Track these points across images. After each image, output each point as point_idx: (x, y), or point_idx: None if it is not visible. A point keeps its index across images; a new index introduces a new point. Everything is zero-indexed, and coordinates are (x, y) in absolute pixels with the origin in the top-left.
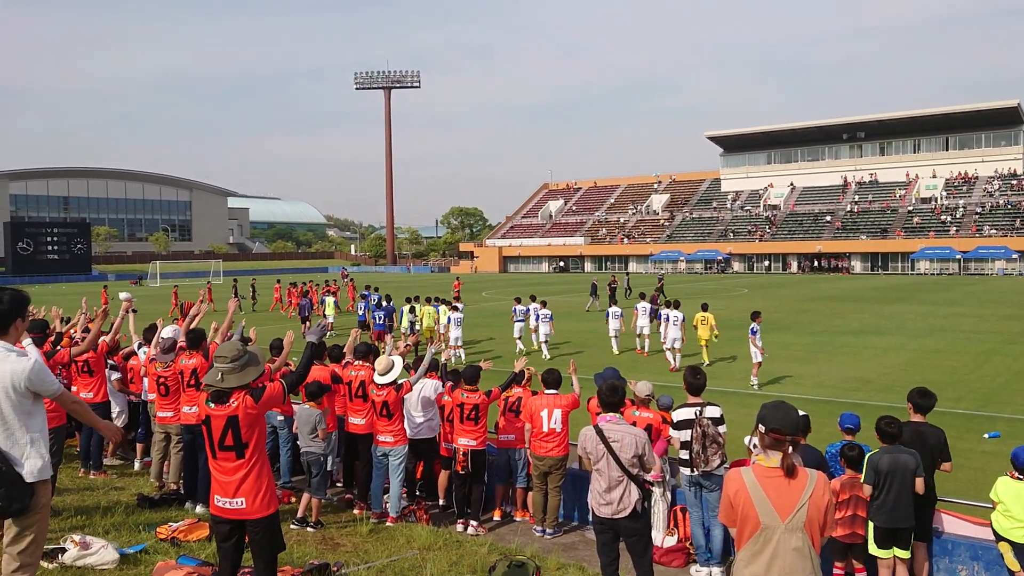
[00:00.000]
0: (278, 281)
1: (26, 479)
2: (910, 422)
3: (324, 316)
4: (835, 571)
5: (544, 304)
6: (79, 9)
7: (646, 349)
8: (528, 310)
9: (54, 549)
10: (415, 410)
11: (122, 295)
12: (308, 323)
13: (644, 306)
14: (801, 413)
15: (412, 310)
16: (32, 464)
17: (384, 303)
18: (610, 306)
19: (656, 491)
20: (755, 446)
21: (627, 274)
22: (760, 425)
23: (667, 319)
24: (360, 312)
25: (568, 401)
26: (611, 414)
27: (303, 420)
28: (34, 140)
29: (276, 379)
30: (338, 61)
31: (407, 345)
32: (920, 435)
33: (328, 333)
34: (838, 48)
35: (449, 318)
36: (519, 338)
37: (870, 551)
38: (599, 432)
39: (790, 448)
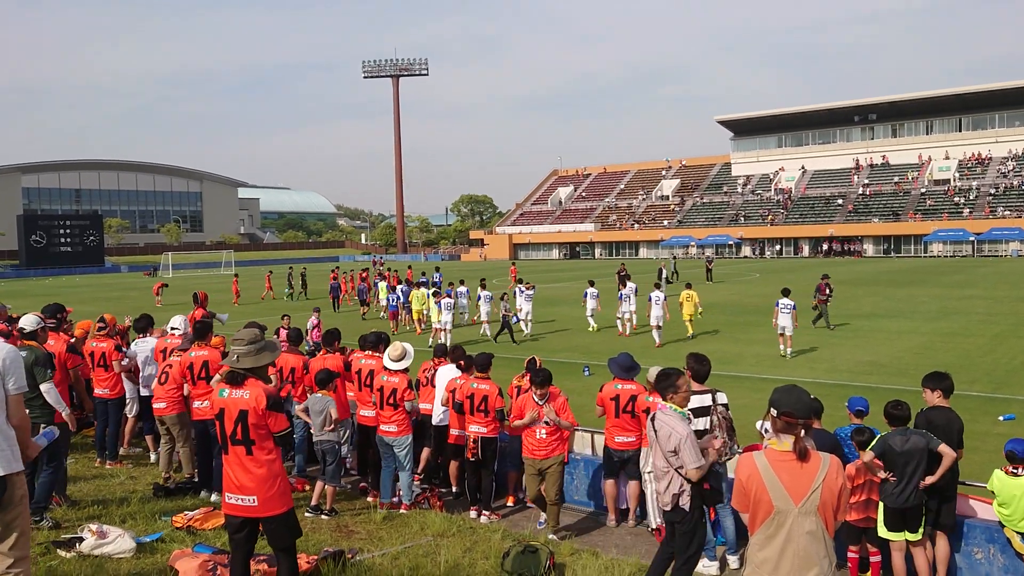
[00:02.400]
0: (336, 268)
1: None
2: (935, 407)
3: (377, 299)
4: (849, 555)
5: (531, 286)
6: (88, 5)
7: (627, 331)
8: (491, 295)
9: (72, 538)
10: (440, 399)
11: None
12: (367, 307)
13: (628, 293)
14: (811, 397)
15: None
16: (1, 456)
17: (406, 285)
18: (620, 290)
19: None
20: (767, 430)
21: (676, 259)
22: (772, 409)
23: (650, 299)
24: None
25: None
26: (663, 403)
27: (315, 409)
28: (45, 134)
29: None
30: (347, 52)
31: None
32: (930, 423)
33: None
34: (849, 30)
35: (440, 304)
36: (487, 321)
37: (880, 534)
38: (652, 420)
39: (802, 431)
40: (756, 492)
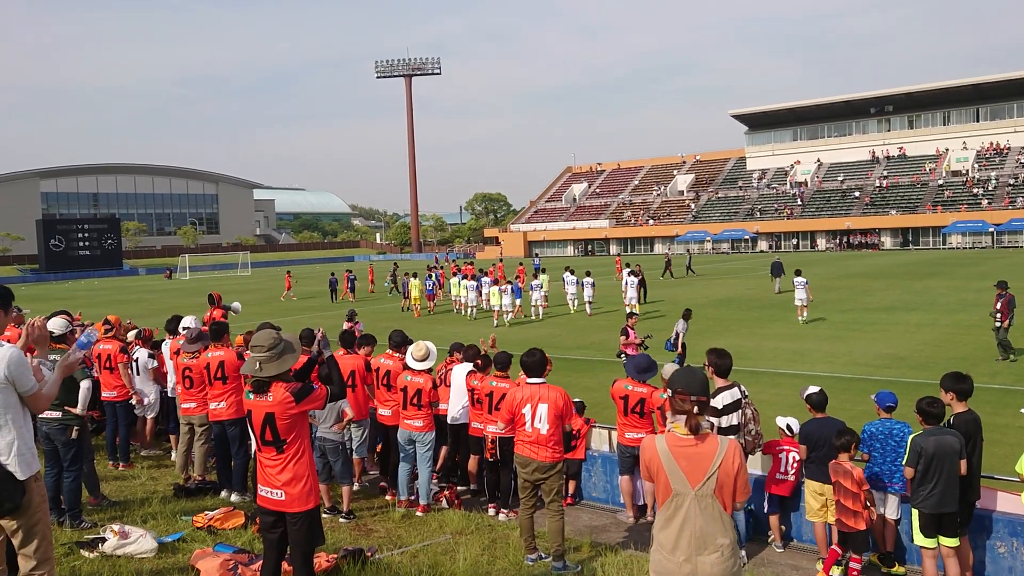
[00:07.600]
0: (441, 266)
1: (18, 476)
2: (963, 412)
3: (448, 294)
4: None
5: (544, 272)
6: (102, 7)
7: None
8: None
9: (94, 539)
10: (457, 397)
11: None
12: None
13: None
14: (816, 389)
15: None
16: (20, 460)
17: (436, 270)
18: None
19: None
20: (665, 411)
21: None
22: (668, 389)
23: (625, 283)
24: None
25: (559, 397)
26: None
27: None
28: (62, 138)
29: (322, 386)
30: (359, 51)
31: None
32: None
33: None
34: (864, 21)
35: (467, 287)
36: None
37: (915, 541)
38: None
39: (695, 409)
40: (657, 473)
